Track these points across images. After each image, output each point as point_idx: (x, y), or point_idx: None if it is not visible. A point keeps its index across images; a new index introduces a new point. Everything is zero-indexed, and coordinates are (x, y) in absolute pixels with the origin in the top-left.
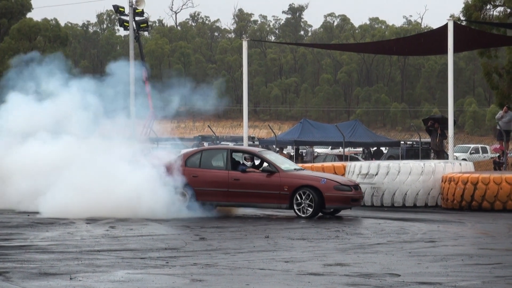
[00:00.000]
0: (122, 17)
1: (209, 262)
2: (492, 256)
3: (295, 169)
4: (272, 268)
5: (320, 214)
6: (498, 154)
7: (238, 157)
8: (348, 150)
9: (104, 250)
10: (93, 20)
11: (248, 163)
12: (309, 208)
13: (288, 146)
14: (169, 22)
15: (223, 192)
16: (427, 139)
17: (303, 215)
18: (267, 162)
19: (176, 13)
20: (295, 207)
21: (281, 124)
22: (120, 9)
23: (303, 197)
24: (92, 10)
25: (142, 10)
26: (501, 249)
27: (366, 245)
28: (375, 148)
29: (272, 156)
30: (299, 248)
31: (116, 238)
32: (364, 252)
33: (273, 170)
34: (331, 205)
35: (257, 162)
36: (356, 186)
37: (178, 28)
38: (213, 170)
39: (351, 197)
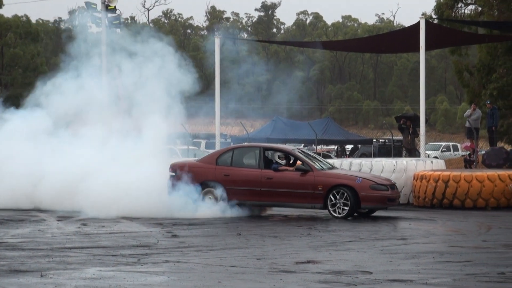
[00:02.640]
0: (94, 13)
1: (181, 259)
2: (462, 253)
3: (329, 167)
4: (244, 265)
5: (355, 214)
6: (468, 152)
7: (271, 155)
8: (321, 148)
9: (76, 248)
10: (65, 16)
11: (282, 162)
12: (345, 208)
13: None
14: (141, 19)
15: (255, 191)
16: (399, 136)
17: (338, 215)
18: (300, 160)
19: (148, 10)
20: (329, 207)
21: (253, 121)
22: (92, 5)
23: (338, 197)
24: (64, 6)
25: (115, 7)
26: (471, 247)
27: (338, 242)
28: (352, 146)
29: (306, 155)
30: (271, 246)
31: (88, 235)
32: (336, 249)
33: (307, 168)
34: (366, 205)
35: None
36: (393, 186)
37: (151, 25)
38: (245, 168)
39: (387, 197)
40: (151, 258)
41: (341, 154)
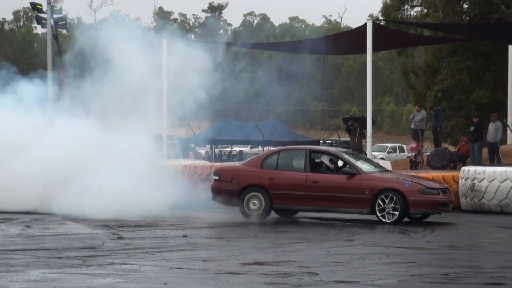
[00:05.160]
0: (40, 14)
1: (126, 261)
2: (408, 254)
3: (379, 171)
4: (190, 267)
5: (407, 219)
6: (414, 153)
7: (317, 158)
8: (268, 149)
9: (19, 250)
10: (9, 17)
11: (330, 164)
12: (394, 212)
13: (207, 145)
14: (88, 20)
15: (300, 195)
16: (346, 138)
17: (387, 221)
18: (347, 163)
19: (95, 11)
20: (377, 212)
21: (200, 122)
22: (37, 6)
23: (387, 201)
24: (8, 7)
25: (61, 7)
26: (416, 248)
27: (285, 244)
28: None
29: (353, 157)
30: (217, 247)
31: (32, 237)
32: (283, 251)
33: (353, 172)
34: (415, 210)
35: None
36: (445, 190)
37: (98, 26)
38: (290, 172)
39: (438, 201)
40: (97, 260)
41: None
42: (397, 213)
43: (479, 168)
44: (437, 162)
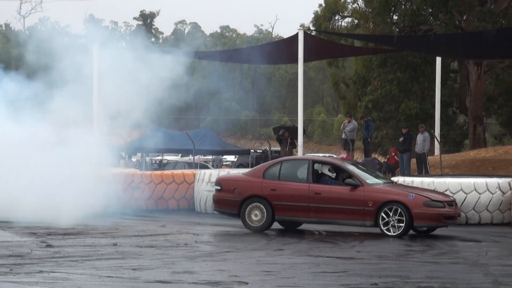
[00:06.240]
0: None
1: (55, 270)
2: (337, 264)
3: (384, 183)
4: (120, 275)
5: (413, 232)
6: None
7: (320, 169)
8: (198, 158)
9: None
10: None
11: (332, 175)
12: (399, 224)
13: (138, 154)
14: (17, 26)
15: (302, 207)
16: (277, 147)
17: (391, 234)
18: (351, 174)
19: (24, 17)
20: (381, 225)
21: (131, 131)
22: None
23: (391, 214)
24: None
25: None
26: (346, 258)
27: (215, 253)
28: (234, 156)
29: (357, 168)
30: (147, 256)
31: None
32: (213, 260)
33: (356, 183)
34: (420, 223)
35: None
36: (451, 202)
37: (27, 32)
38: (292, 182)
39: (443, 215)
40: (24, 268)
41: (219, 164)
42: (402, 225)
43: (408, 179)
44: None
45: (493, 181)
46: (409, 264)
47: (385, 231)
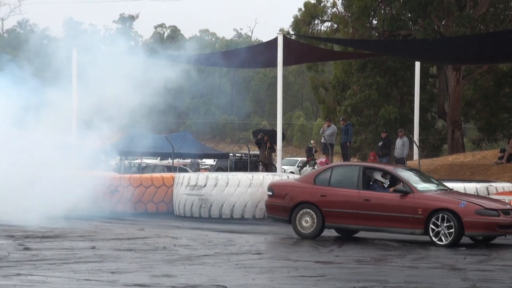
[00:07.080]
0: None
1: (33, 273)
2: (316, 268)
3: (438, 190)
4: (98, 279)
5: (470, 241)
6: None
7: (372, 175)
8: (177, 161)
9: None
10: None
11: (386, 182)
12: (450, 231)
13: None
14: None
15: (352, 214)
16: (256, 151)
17: (441, 243)
18: (401, 181)
19: (3, 20)
20: (431, 233)
21: (110, 133)
22: None
23: (439, 222)
24: None
25: None
26: (324, 262)
27: (193, 256)
28: (213, 160)
29: (408, 175)
30: (125, 259)
31: None
32: (191, 263)
33: (406, 190)
34: (471, 232)
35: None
36: (507, 211)
37: (5, 35)
38: (343, 189)
39: (497, 223)
40: (1, 271)
41: (198, 168)
42: (452, 232)
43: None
44: None
45: (471, 186)
46: (388, 269)
47: (435, 240)
